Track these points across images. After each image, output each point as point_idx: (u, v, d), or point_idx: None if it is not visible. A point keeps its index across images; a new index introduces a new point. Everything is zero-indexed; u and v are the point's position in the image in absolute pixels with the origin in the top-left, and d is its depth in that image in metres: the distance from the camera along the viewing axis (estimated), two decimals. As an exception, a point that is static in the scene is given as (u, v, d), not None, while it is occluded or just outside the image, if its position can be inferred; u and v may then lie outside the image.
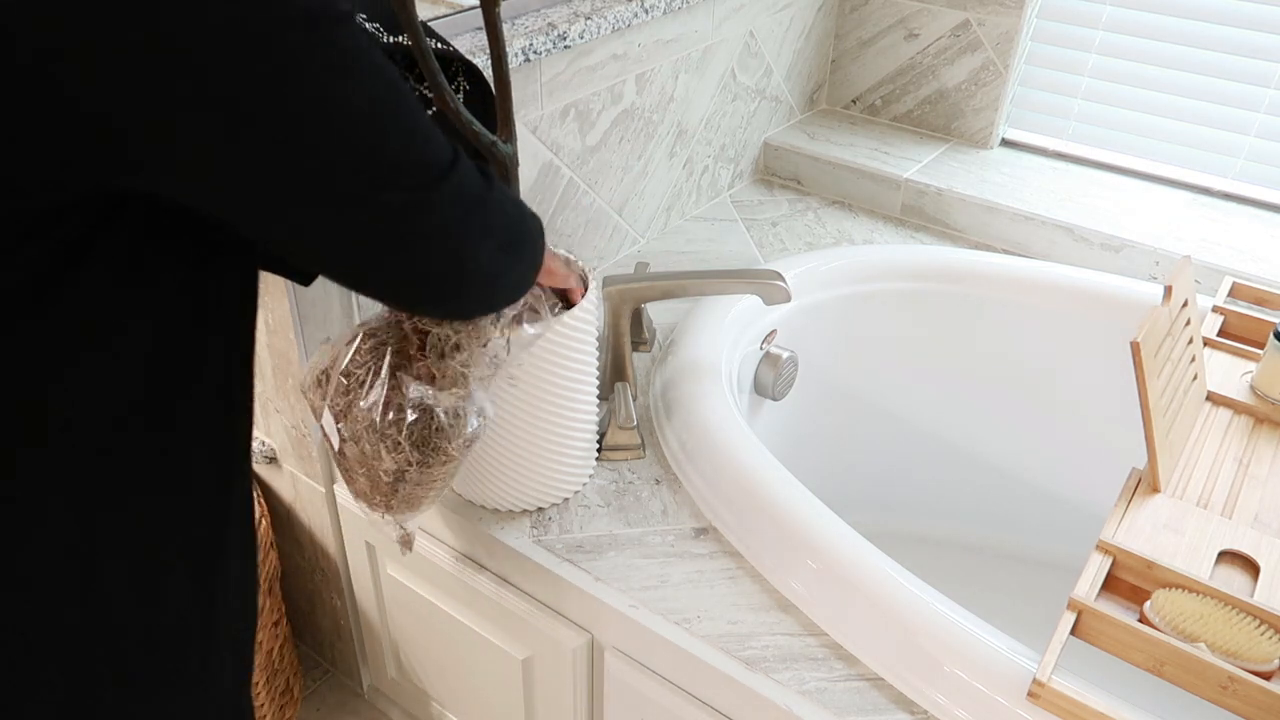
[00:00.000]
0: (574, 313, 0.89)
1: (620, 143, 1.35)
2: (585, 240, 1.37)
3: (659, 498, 1.03)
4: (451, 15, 1.11)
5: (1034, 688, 0.76)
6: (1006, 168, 1.60)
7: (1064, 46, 1.56)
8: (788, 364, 1.26)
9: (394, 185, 0.52)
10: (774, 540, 0.93)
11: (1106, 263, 1.42)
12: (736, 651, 0.86)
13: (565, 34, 1.14)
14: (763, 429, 1.32)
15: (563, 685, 1.02)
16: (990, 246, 1.51)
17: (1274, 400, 1.05)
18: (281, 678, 1.28)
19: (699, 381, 1.12)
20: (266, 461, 1.22)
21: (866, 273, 1.39)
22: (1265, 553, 0.87)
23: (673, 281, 1.13)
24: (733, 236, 1.53)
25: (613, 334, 1.13)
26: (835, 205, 1.63)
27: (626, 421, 1.06)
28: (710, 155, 1.56)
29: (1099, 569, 0.84)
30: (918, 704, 0.82)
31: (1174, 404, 0.97)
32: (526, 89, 1.15)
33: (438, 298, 0.66)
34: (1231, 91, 1.46)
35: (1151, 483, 0.94)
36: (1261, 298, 1.20)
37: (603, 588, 0.93)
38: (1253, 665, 0.76)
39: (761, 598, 0.92)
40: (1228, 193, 1.51)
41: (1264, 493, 0.95)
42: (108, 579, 0.55)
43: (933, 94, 1.68)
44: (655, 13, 1.26)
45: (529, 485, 0.98)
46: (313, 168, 0.48)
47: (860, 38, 1.70)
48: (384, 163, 0.51)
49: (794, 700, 0.83)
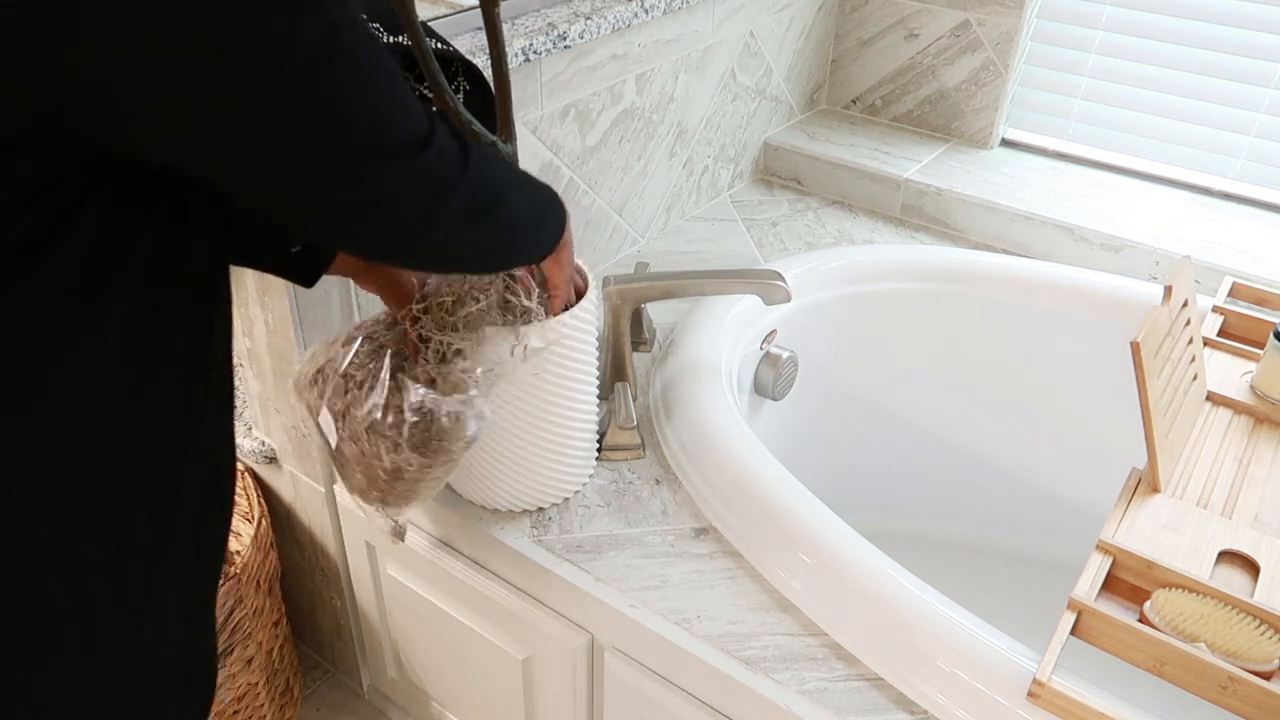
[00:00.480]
0: (574, 312, 0.89)
1: (620, 143, 1.35)
2: (585, 240, 1.37)
3: (659, 498, 1.03)
4: (451, 15, 1.11)
5: (1034, 688, 0.76)
6: (1006, 168, 1.60)
7: (1064, 46, 1.56)
8: (788, 364, 1.26)
9: (369, 154, 0.53)
10: (774, 540, 0.93)
11: (1106, 263, 1.42)
12: (736, 651, 0.86)
13: (565, 34, 1.14)
14: (763, 429, 1.32)
15: (563, 685, 1.02)
16: (990, 246, 1.51)
17: (1274, 400, 1.05)
18: (281, 678, 1.28)
19: (699, 381, 1.12)
20: (266, 461, 1.22)
21: (866, 273, 1.39)
22: (1265, 553, 0.87)
23: (673, 281, 1.13)
24: (733, 236, 1.53)
25: (613, 334, 1.13)
26: (835, 205, 1.63)
27: (626, 421, 1.06)
28: (710, 155, 1.56)
29: (1099, 569, 0.84)
30: (918, 704, 0.82)
31: (1174, 404, 0.97)
32: (526, 89, 1.15)
33: (390, 254, 0.67)
34: (1231, 91, 1.46)
35: (1151, 483, 0.94)
36: (1261, 298, 1.20)
37: (603, 588, 0.93)
38: (1253, 665, 0.76)
39: (761, 598, 0.92)
40: (1228, 193, 1.51)
41: (1264, 493, 0.95)
42: (84, 542, 0.56)
43: (933, 94, 1.68)
44: (655, 13, 1.26)
45: (529, 485, 0.98)
46: (288, 130, 0.49)
47: (860, 38, 1.70)
48: (360, 131, 0.52)
49: (794, 700, 0.82)
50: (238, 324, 1.09)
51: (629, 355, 1.15)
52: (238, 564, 1.14)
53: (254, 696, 1.21)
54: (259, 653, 1.19)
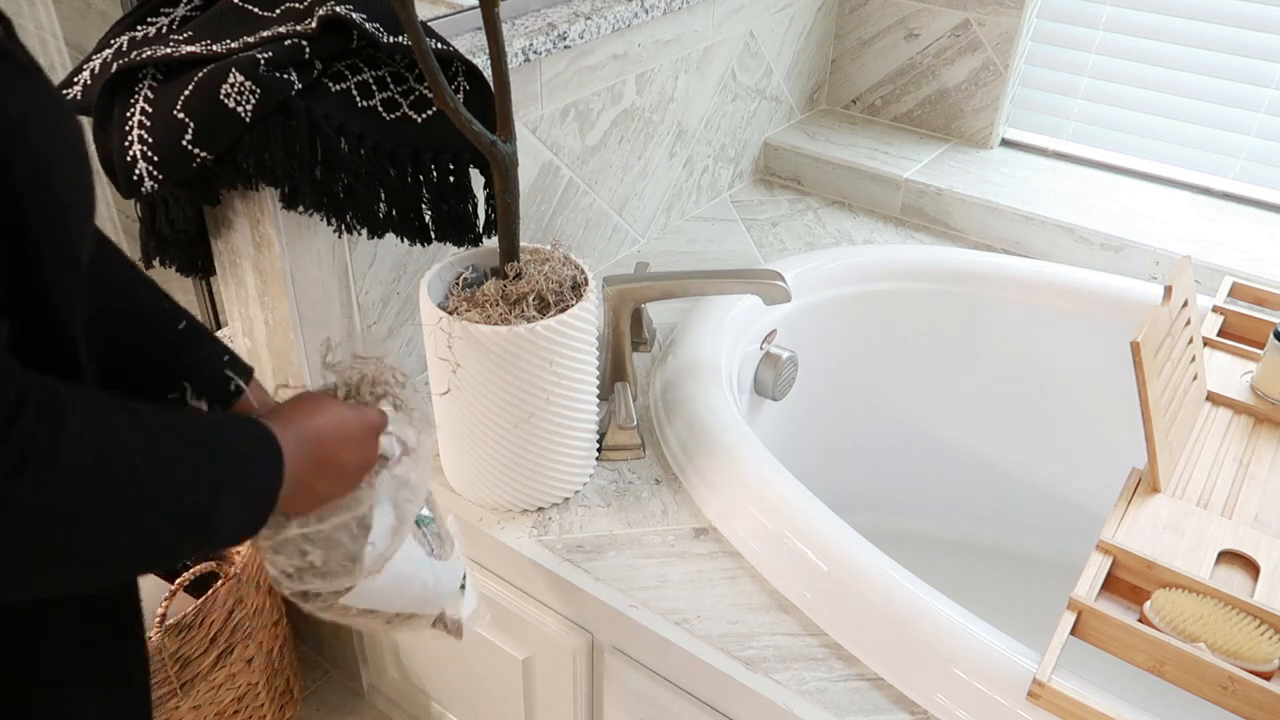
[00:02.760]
0: (574, 312, 0.89)
1: (620, 143, 1.35)
2: (585, 240, 1.37)
3: (659, 498, 1.03)
4: (451, 15, 1.11)
5: (1034, 688, 0.76)
6: (1006, 168, 1.60)
7: (1064, 46, 1.56)
8: (788, 364, 1.26)
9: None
10: (774, 540, 0.93)
11: (1106, 263, 1.42)
12: (736, 651, 0.86)
13: (565, 34, 1.14)
14: (763, 429, 1.32)
15: (563, 685, 1.02)
16: (990, 246, 1.51)
17: (1274, 400, 1.05)
18: (281, 678, 1.28)
19: (699, 381, 1.12)
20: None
21: (866, 273, 1.39)
22: (1265, 553, 0.87)
23: (673, 281, 1.13)
24: (733, 236, 1.53)
25: (613, 334, 1.13)
26: (835, 205, 1.63)
27: (626, 421, 1.06)
28: (710, 155, 1.56)
29: (1099, 569, 0.84)
30: (918, 704, 0.82)
31: (1174, 404, 0.97)
32: (526, 89, 1.15)
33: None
34: (1231, 91, 1.46)
35: (1151, 483, 0.94)
36: (1261, 298, 1.20)
37: (603, 588, 0.93)
38: (1253, 665, 0.75)
39: (761, 598, 0.92)
40: (1228, 193, 1.51)
41: (1264, 493, 0.95)
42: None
43: (933, 94, 1.68)
44: (655, 13, 1.26)
45: (529, 485, 0.98)
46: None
47: (860, 38, 1.70)
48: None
49: (794, 700, 0.82)
50: (238, 324, 1.09)
51: (629, 355, 1.15)
52: (238, 564, 1.14)
53: (254, 696, 1.21)
54: (259, 653, 1.19)
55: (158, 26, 0.93)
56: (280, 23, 0.89)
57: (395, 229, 0.96)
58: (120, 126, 0.85)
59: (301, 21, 0.88)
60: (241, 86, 0.82)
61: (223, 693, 1.16)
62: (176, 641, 1.06)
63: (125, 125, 0.85)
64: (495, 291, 0.91)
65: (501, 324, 0.88)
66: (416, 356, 1.19)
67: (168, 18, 0.93)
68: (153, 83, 0.86)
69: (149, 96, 0.85)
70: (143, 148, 0.84)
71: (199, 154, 0.84)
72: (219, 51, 0.85)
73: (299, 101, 0.86)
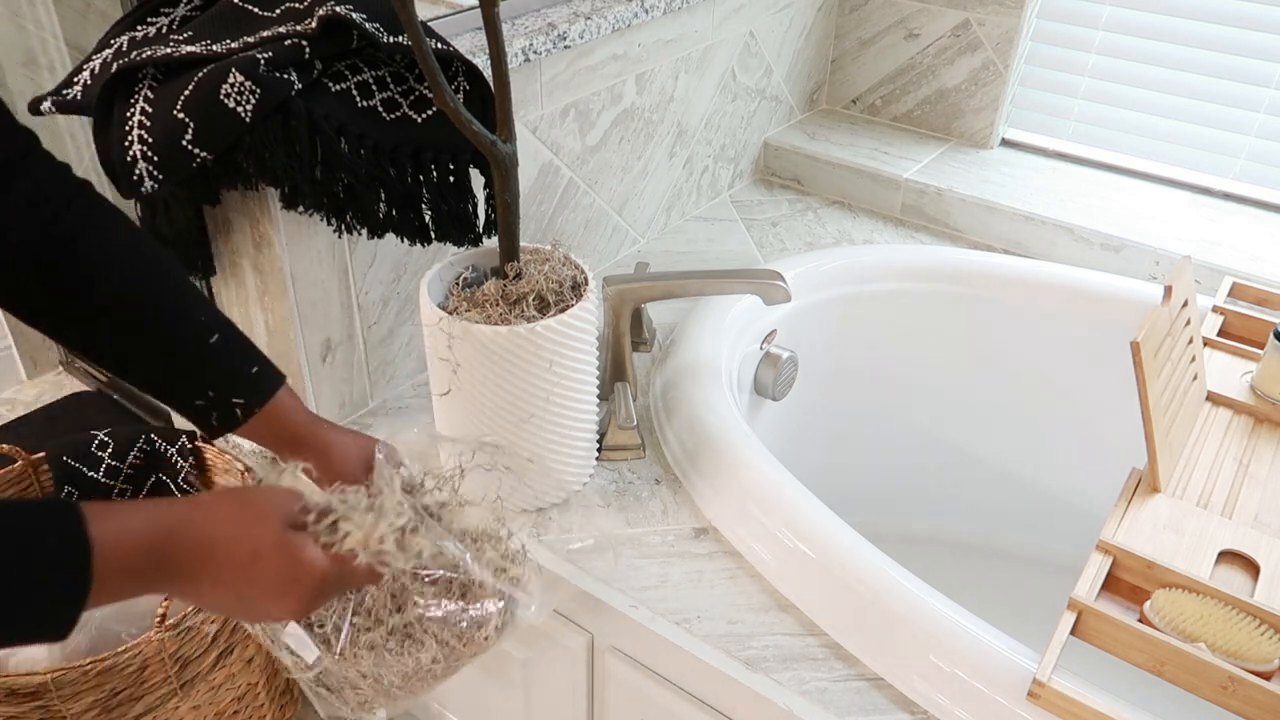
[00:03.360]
0: (574, 312, 0.89)
1: (620, 143, 1.35)
2: (585, 240, 1.37)
3: (659, 498, 1.03)
4: (451, 15, 1.11)
5: (1034, 688, 0.76)
6: (1006, 168, 1.60)
7: (1064, 46, 1.56)
8: (788, 364, 1.26)
9: None
10: (774, 540, 0.93)
11: (1106, 263, 1.42)
12: (736, 651, 0.86)
13: (565, 34, 1.14)
14: (763, 429, 1.32)
15: (563, 685, 1.02)
16: (990, 246, 1.51)
17: (1274, 400, 1.05)
18: (281, 678, 1.28)
19: (699, 381, 1.12)
20: (268, 460, 1.22)
21: (866, 273, 1.39)
22: (1265, 553, 0.87)
23: (673, 281, 1.13)
24: (733, 236, 1.53)
25: (613, 334, 1.13)
26: (835, 205, 1.63)
27: (626, 421, 1.06)
28: (710, 155, 1.56)
29: (1099, 569, 0.84)
30: (918, 704, 0.82)
31: (1174, 404, 0.97)
32: (526, 89, 1.15)
33: None
34: (1231, 91, 1.46)
35: (1151, 483, 0.94)
36: (1261, 298, 1.20)
37: (603, 588, 0.93)
38: (1253, 665, 0.75)
39: (761, 598, 0.92)
40: (1228, 193, 1.51)
41: (1264, 493, 0.95)
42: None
43: (933, 94, 1.68)
44: (655, 13, 1.26)
45: (529, 485, 0.98)
46: None
47: (860, 38, 1.70)
48: None
49: (794, 700, 0.82)
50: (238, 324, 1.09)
51: (629, 355, 1.15)
52: (238, 564, 1.14)
53: (254, 696, 1.21)
54: (259, 652, 1.19)
55: (158, 26, 0.93)
56: (280, 23, 0.89)
57: (395, 229, 0.96)
58: (120, 126, 0.85)
59: (301, 21, 0.88)
60: (241, 86, 0.82)
61: (223, 693, 1.16)
62: (176, 641, 1.06)
63: (125, 125, 0.85)
64: (495, 291, 0.91)
65: (501, 324, 0.88)
66: (416, 356, 1.19)
67: (168, 18, 0.94)
68: (153, 83, 0.86)
69: (149, 96, 0.85)
70: (143, 148, 0.84)
71: (199, 154, 0.84)
72: (219, 51, 0.85)
73: (299, 101, 0.86)
